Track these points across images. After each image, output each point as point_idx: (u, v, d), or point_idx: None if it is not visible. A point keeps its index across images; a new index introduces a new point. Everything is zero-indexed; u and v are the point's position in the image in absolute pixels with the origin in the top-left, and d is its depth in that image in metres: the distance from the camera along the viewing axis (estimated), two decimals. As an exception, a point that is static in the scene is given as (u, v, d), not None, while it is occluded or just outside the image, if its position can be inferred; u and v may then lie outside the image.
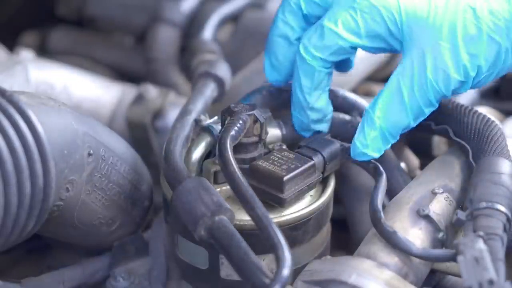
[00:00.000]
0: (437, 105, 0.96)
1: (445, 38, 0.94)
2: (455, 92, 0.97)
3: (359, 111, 1.07)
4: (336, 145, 1.00)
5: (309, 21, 1.01)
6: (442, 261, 0.91)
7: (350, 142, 1.06)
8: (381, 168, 0.99)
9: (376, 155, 0.98)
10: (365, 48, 0.98)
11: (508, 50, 0.95)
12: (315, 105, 1.01)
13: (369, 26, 0.96)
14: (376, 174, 0.99)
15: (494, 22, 0.94)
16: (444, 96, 0.96)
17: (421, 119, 0.97)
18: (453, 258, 0.85)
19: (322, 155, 0.99)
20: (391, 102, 0.96)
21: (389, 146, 0.99)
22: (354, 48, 0.98)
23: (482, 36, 0.94)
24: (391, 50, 0.98)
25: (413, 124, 0.97)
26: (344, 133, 1.05)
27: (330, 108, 1.04)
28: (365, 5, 0.95)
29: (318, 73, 0.99)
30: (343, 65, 1.07)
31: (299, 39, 1.01)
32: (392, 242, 0.89)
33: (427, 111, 0.96)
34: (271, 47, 1.04)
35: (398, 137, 0.98)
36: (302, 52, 0.99)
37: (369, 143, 0.97)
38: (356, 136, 0.98)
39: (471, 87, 0.97)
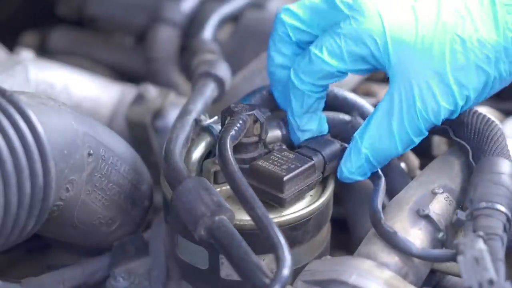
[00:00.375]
0: (427, 133, 0.97)
1: (433, 67, 0.93)
2: (444, 119, 0.97)
3: (359, 111, 1.07)
4: (336, 145, 1.00)
5: (301, 47, 1.01)
6: (441, 261, 0.91)
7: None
8: (379, 171, 1.00)
9: (362, 179, 0.99)
10: (351, 71, 0.98)
11: (496, 79, 0.95)
12: (305, 128, 1.02)
13: (353, 52, 0.95)
14: (374, 177, 0.99)
15: (483, 52, 0.93)
16: (433, 125, 0.96)
17: (411, 147, 0.98)
18: (453, 258, 0.85)
19: (322, 155, 0.99)
20: (379, 132, 0.96)
21: (376, 170, 0.99)
22: (342, 72, 0.97)
23: (470, 65, 0.93)
24: (379, 70, 0.98)
25: (402, 152, 0.97)
26: (344, 133, 1.05)
27: (323, 127, 1.04)
28: (349, 31, 0.95)
29: (307, 98, 1.00)
30: None
31: None
32: (392, 242, 0.89)
33: (417, 140, 0.96)
34: (272, 78, 1.04)
35: (386, 163, 0.99)
36: (292, 77, 0.99)
37: (355, 170, 0.98)
38: (343, 161, 0.99)
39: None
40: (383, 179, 0.98)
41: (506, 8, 0.93)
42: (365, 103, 1.10)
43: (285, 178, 0.93)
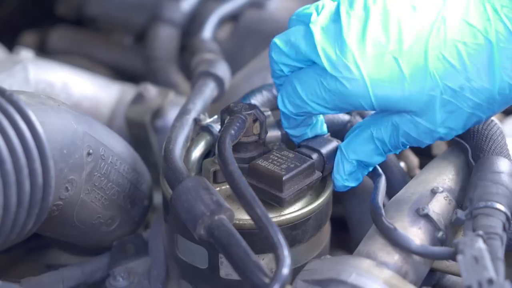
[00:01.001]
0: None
1: (421, 117, 0.92)
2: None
3: (358, 111, 1.07)
4: (335, 144, 1.00)
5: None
6: (440, 259, 0.91)
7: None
8: (379, 170, 1.00)
9: (356, 184, 0.99)
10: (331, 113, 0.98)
11: (488, 116, 0.93)
12: (299, 136, 1.02)
13: (336, 104, 0.94)
14: (374, 175, 0.99)
15: (475, 102, 0.90)
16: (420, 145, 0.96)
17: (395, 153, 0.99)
18: (451, 256, 0.85)
19: (321, 154, 0.99)
20: (363, 146, 0.97)
21: (368, 172, 1.00)
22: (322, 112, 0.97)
23: (461, 112, 0.91)
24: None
25: (383, 159, 0.98)
26: (343, 133, 1.05)
27: (322, 130, 1.03)
28: (332, 87, 0.92)
29: (293, 120, 0.99)
30: None
31: None
32: (392, 238, 0.89)
33: (399, 151, 0.98)
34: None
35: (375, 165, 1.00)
36: (279, 103, 0.98)
37: (348, 177, 0.98)
38: (334, 171, 0.99)
39: None
40: (383, 177, 0.99)
41: (506, 53, 0.89)
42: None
43: (284, 178, 0.93)
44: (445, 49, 0.89)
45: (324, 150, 0.99)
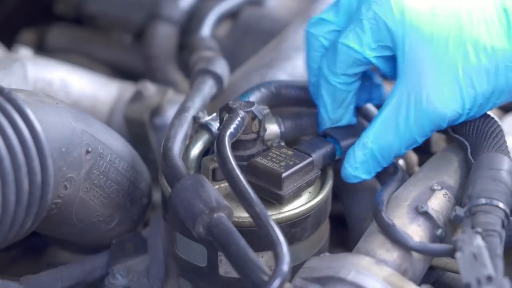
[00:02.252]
0: (430, 135, 0.98)
1: (445, 65, 0.94)
2: (449, 124, 0.97)
3: (360, 111, 1.07)
4: (332, 145, 1.01)
5: None
6: (438, 256, 0.91)
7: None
8: (398, 164, 1.00)
9: (367, 177, 0.99)
10: (375, 60, 0.97)
11: (504, 88, 0.95)
12: (336, 121, 1.03)
13: (374, 36, 0.95)
14: (390, 169, 1.00)
15: (495, 59, 0.93)
16: (438, 128, 0.97)
17: (414, 147, 0.99)
18: (450, 253, 0.85)
19: (320, 152, 0.99)
20: (385, 129, 0.97)
21: (381, 169, 0.99)
22: (367, 59, 0.97)
23: (481, 70, 0.94)
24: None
25: (404, 151, 0.98)
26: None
27: (353, 120, 1.04)
28: (369, 15, 0.95)
29: (339, 92, 1.00)
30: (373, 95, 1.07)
31: None
32: (390, 234, 0.89)
33: (420, 140, 0.97)
34: (320, 89, 1.03)
35: (390, 161, 0.99)
36: (324, 72, 1.00)
37: (359, 165, 0.98)
38: (345, 159, 0.99)
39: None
40: (401, 172, 0.99)
41: None
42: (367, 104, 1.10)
43: (283, 175, 0.93)
44: (473, 6, 0.95)
45: (323, 149, 0.99)
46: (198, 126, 1.02)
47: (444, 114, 0.95)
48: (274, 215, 0.94)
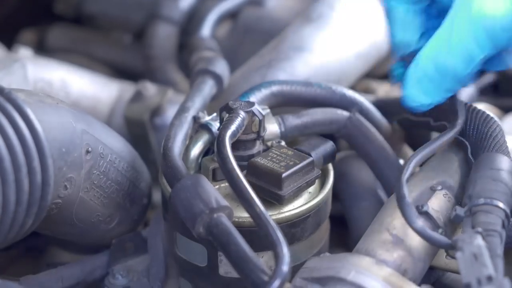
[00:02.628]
0: (488, 49, 0.91)
1: None
2: (504, 32, 0.91)
3: (358, 108, 1.08)
4: (331, 144, 1.01)
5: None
6: (436, 245, 0.89)
7: (349, 139, 1.07)
8: (462, 105, 0.98)
9: (428, 100, 0.95)
10: None
11: None
12: (406, 39, 1.00)
13: None
14: (449, 116, 0.98)
15: None
16: (495, 37, 0.90)
17: (473, 64, 0.92)
18: (448, 246, 0.85)
19: (320, 152, 0.99)
20: (438, 44, 0.93)
21: (447, 94, 0.95)
22: None
23: None
24: None
25: (465, 70, 0.92)
26: (343, 129, 1.06)
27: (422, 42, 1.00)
28: None
29: (405, 14, 0.99)
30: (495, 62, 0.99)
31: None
32: (401, 207, 0.88)
33: (477, 56, 0.92)
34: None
35: (454, 86, 0.94)
36: None
37: (415, 84, 0.95)
38: (404, 85, 0.95)
39: None
40: (456, 129, 0.96)
41: None
42: (364, 100, 1.10)
43: (283, 175, 0.93)
44: None
45: (322, 148, 0.99)
46: (198, 126, 1.02)
47: (494, 17, 0.89)
48: (274, 215, 0.94)
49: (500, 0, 0.90)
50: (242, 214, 0.92)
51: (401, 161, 1.10)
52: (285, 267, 0.80)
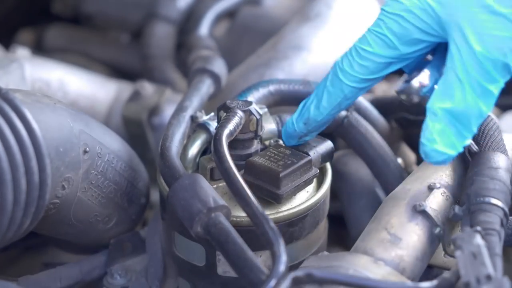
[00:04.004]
0: (502, 80, 0.87)
1: (476, 2, 0.87)
2: None
3: (355, 107, 1.07)
4: (329, 143, 1.01)
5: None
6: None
7: (347, 138, 1.07)
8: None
9: (452, 152, 0.87)
10: (407, 56, 0.92)
11: None
12: (321, 125, 0.98)
13: (397, 32, 0.91)
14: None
15: None
16: (504, 64, 0.86)
17: (491, 99, 0.88)
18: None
19: (318, 151, 0.99)
20: (449, 88, 0.88)
21: (467, 141, 0.88)
22: (395, 60, 0.92)
23: None
24: (435, 42, 0.92)
25: (486, 109, 0.87)
26: (340, 128, 1.06)
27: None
28: (388, 13, 0.91)
29: (343, 101, 0.95)
30: None
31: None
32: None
33: (494, 88, 0.87)
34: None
35: (473, 128, 0.88)
36: (340, 76, 0.94)
37: (437, 137, 0.87)
38: (421, 135, 0.89)
39: None
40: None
41: None
42: (361, 99, 1.10)
43: (281, 174, 0.93)
44: None
45: (321, 147, 0.99)
46: (196, 126, 1.02)
47: (500, 46, 0.86)
48: (272, 214, 0.94)
49: (501, 26, 0.87)
50: (240, 213, 0.92)
51: (399, 160, 1.10)
52: (282, 267, 0.80)
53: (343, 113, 1.06)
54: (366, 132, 1.06)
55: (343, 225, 1.12)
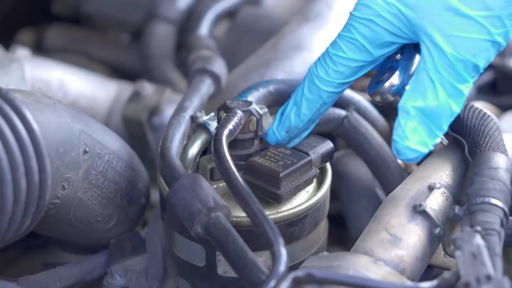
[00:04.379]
0: (471, 80, 0.89)
1: (441, 4, 0.88)
2: (486, 59, 0.89)
3: (355, 107, 1.07)
4: (329, 143, 1.01)
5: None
6: None
7: (347, 138, 1.07)
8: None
9: (423, 149, 0.90)
10: (378, 58, 0.94)
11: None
12: (302, 132, 1.00)
13: (367, 36, 0.92)
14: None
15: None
16: (475, 65, 0.89)
17: (462, 98, 0.90)
18: None
19: (319, 151, 0.99)
20: (421, 87, 0.90)
21: (437, 139, 0.91)
22: (367, 63, 0.94)
23: None
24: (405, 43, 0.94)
25: (457, 108, 0.90)
26: (340, 128, 1.06)
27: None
28: (357, 17, 0.92)
29: (322, 106, 0.97)
30: None
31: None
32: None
33: (464, 88, 0.89)
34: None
35: (444, 127, 0.91)
36: (316, 82, 0.96)
37: (409, 135, 0.90)
38: (393, 132, 0.91)
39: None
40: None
41: None
42: (361, 99, 1.10)
43: (281, 174, 0.93)
44: None
45: (321, 147, 0.99)
46: (196, 126, 1.02)
47: (470, 47, 0.88)
48: (272, 214, 0.94)
49: (472, 28, 0.88)
50: (240, 214, 0.92)
51: (399, 160, 1.10)
52: (282, 267, 0.80)
53: (343, 113, 1.06)
54: (366, 132, 1.06)
55: (343, 225, 1.12)
